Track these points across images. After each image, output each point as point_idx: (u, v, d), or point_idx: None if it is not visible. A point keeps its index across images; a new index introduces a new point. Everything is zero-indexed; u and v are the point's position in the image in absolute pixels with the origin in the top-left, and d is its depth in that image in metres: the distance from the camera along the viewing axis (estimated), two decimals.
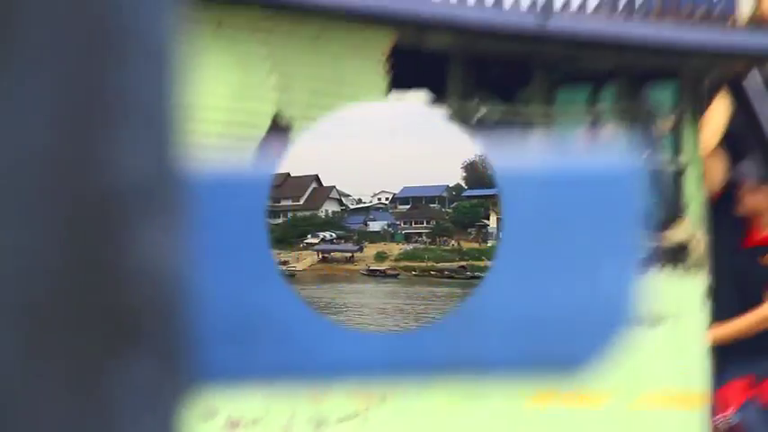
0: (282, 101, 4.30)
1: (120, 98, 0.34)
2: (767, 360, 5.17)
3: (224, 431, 4.04)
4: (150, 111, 0.35)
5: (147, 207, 0.34)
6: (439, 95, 5.01)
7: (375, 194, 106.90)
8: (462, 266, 62.72)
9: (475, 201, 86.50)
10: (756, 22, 4.46)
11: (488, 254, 69.29)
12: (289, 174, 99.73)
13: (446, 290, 46.36)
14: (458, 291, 46.40)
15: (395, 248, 72.81)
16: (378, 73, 4.43)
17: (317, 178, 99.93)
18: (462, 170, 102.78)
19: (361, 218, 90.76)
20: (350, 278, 60.96)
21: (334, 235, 78.99)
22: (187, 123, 0.38)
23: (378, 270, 63.25)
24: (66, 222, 0.33)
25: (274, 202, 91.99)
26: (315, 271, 67.01)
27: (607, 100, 4.95)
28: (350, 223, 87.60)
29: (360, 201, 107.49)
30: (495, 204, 76.39)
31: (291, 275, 61.87)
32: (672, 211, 4.69)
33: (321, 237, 77.63)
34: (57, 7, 0.32)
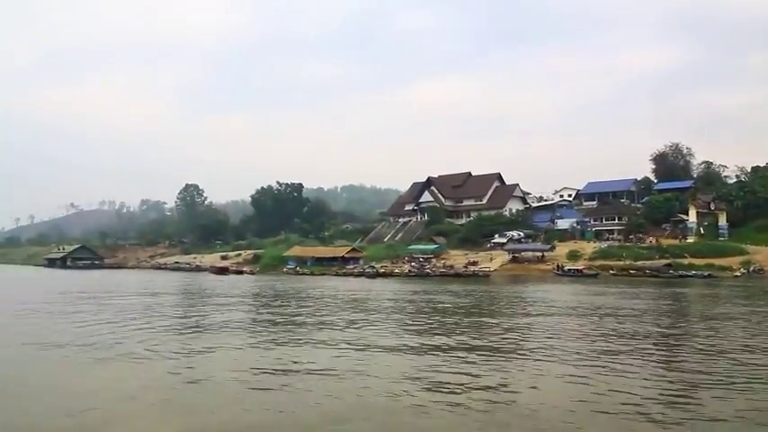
0: None
1: None
2: None
3: None
4: None
5: None
6: None
7: (557, 191, 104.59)
8: (668, 264, 59.14)
9: (668, 194, 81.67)
10: None
11: (690, 250, 65.11)
12: (470, 173, 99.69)
13: (651, 290, 44.09)
14: (666, 290, 44.06)
15: (587, 247, 70.24)
16: None
17: (499, 176, 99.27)
18: (651, 162, 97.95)
19: (547, 216, 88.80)
20: (542, 278, 59.73)
21: (521, 234, 77.76)
22: None
23: (574, 269, 61.08)
24: None
25: (457, 202, 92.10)
26: (507, 271, 66.27)
27: None
28: (536, 221, 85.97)
29: (541, 198, 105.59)
30: (693, 197, 71.51)
31: (486, 276, 61.52)
32: None
33: (509, 236, 76.78)
34: None
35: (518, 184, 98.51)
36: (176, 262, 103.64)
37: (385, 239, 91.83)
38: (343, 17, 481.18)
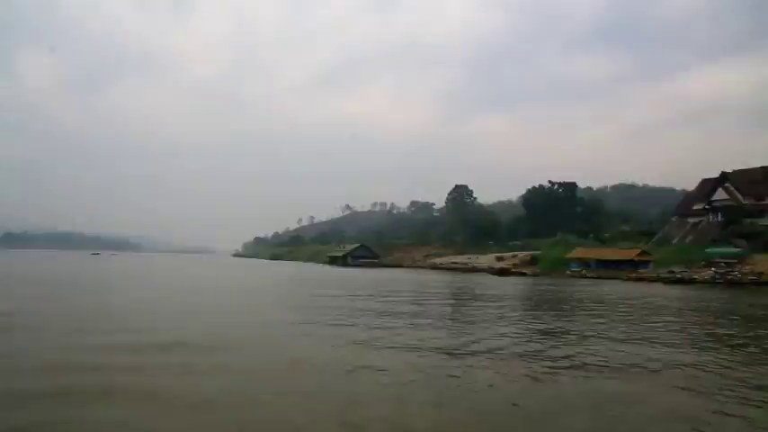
0: None
1: None
2: None
3: None
4: None
5: None
6: None
7: None
8: None
9: None
10: None
11: None
12: None
13: None
14: None
15: None
16: None
17: None
18: None
19: None
20: None
21: None
22: None
23: None
24: None
25: (758, 200, 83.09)
26: None
27: None
28: None
29: None
30: None
31: None
32: None
33: None
34: None
35: None
36: (453, 262, 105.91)
37: (673, 241, 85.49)
38: (604, 6, 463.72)
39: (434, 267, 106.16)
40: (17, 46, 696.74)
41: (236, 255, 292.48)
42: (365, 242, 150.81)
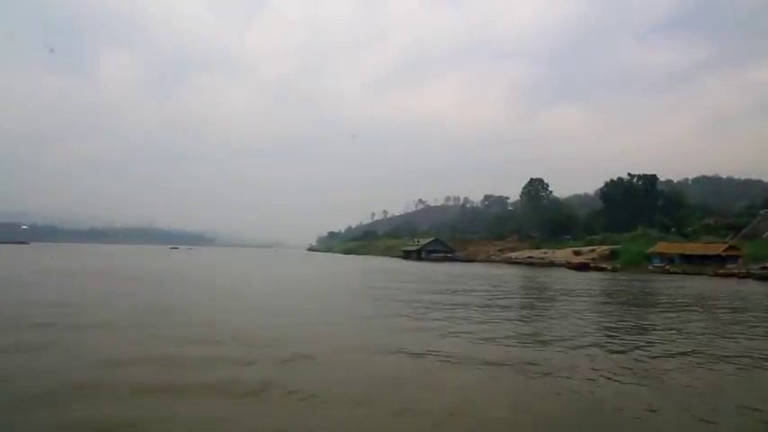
0: None
1: None
2: None
3: None
4: None
5: None
6: None
7: None
8: None
9: None
10: None
11: None
12: None
13: None
14: None
15: None
16: None
17: None
18: None
19: None
20: None
21: None
22: None
23: None
24: None
25: None
26: None
27: None
28: None
29: None
30: None
31: None
32: None
33: None
34: None
35: None
36: (529, 257, 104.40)
37: (763, 236, 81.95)
38: None
39: (509, 262, 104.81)
40: (102, 48, 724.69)
41: (311, 249, 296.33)
42: (439, 236, 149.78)
